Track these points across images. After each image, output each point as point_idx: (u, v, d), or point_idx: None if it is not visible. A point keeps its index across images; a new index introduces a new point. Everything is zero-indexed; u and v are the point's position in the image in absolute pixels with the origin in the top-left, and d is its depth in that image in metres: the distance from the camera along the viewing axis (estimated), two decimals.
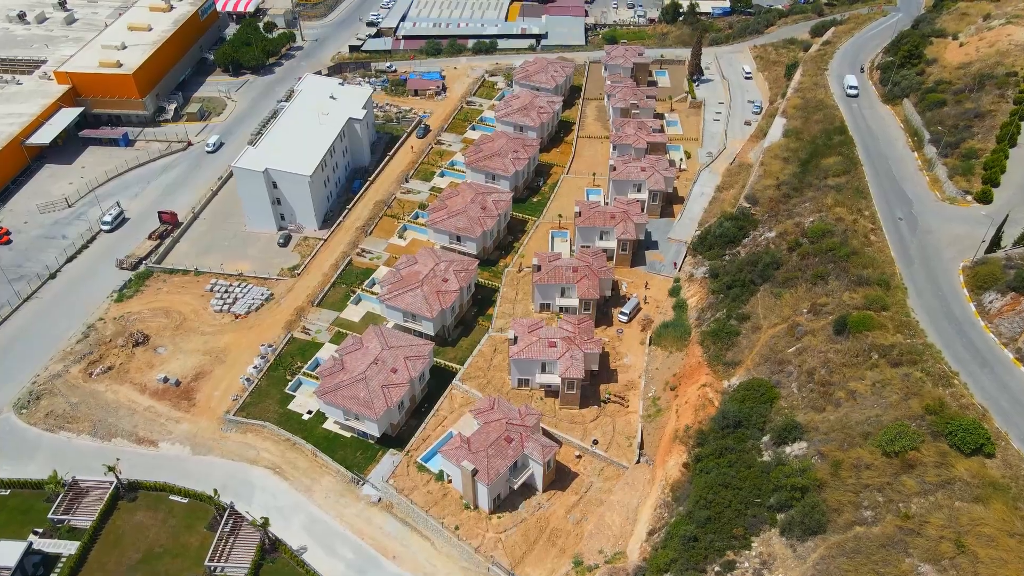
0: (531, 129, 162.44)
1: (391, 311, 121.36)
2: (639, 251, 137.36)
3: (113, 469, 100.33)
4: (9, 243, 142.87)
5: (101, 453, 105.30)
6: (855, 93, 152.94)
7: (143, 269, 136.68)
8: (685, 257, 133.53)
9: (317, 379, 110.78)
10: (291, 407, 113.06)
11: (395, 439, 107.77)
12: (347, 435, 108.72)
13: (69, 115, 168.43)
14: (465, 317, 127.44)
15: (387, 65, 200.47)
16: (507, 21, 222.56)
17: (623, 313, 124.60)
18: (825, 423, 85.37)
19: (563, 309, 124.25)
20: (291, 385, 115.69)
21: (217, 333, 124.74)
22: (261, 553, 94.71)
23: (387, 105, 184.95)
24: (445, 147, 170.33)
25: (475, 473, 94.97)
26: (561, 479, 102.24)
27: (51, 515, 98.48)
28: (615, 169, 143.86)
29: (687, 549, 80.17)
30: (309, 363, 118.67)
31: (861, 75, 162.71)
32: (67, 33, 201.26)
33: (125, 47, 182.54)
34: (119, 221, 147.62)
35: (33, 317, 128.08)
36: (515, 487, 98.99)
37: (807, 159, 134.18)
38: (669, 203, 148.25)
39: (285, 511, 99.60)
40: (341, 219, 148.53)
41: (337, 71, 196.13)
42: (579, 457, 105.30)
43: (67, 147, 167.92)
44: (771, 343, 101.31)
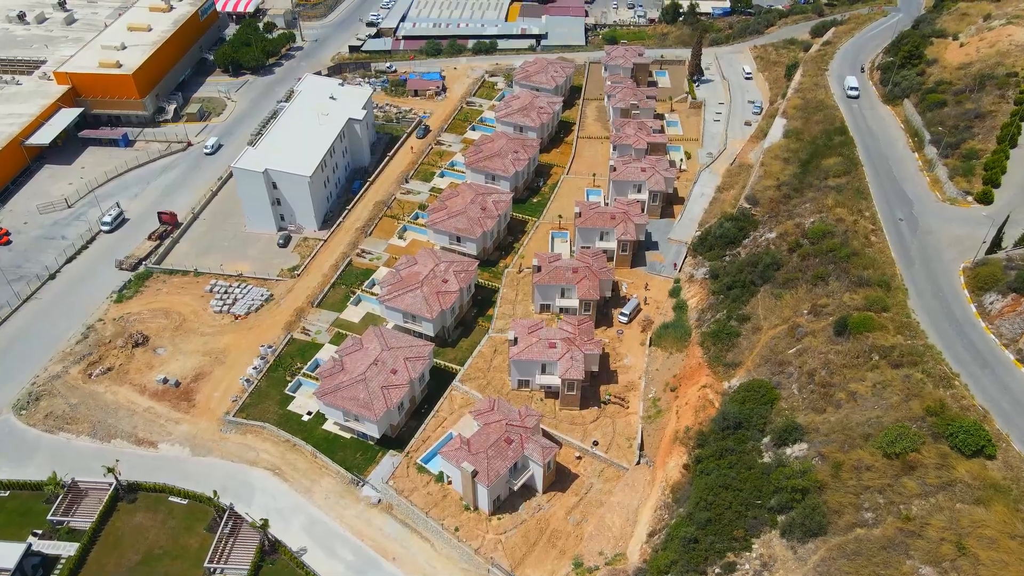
0: (531, 129, 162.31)
1: (391, 312, 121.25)
2: (639, 252, 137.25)
3: (112, 470, 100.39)
4: (9, 244, 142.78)
5: (100, 454, 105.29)
6: (856, 94, 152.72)
7: (143, 270, 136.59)
8: (685, 258, 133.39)
9: (317, 380, 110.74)
10: (291, 408, 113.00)
11: (395, 440, 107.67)
12: (347, 436, 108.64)
13: (69, 115, 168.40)
14: (465, 318, 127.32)
15: (387, 65, 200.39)
16: (507, 21, 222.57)
17: (623, 314, 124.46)
18: (826, 424, 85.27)
19: (563, 310, 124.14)
20: (291, 386, 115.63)
21: (217, 334, 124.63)
22: (261, 554, 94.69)
23: (387, 105, 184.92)
24: (445, 147, 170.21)
25: (475, 474, 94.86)
26: (561, 480, 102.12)
27: (50, 516, 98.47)
28: (615, 170, 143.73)
29: (687, 551, 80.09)
30: (309, 364, 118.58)
31: (861, 75, 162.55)
32: (67, 33, 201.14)
33: (125, 47, 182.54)
34: (119, 222, 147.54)
35: (32, 318, 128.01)
36: (515, 488, 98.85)
37: (807, 160, 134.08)
38: (669, 204, 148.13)
39: (285, 512, 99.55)
40: (341, 220, 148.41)
41: (337, 71, 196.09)
42: (579, 458, 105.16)
43: (67, 147, 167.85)
44: (771, 344, 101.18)
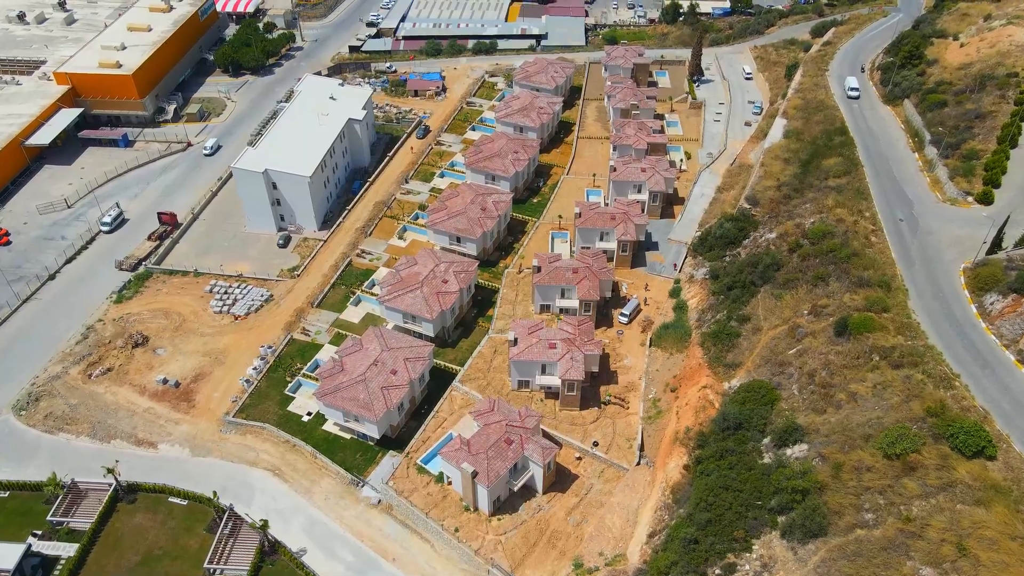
0: (531, 130, 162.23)
1: (391, 312, 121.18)
2: (639, 252, 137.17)
3: (112, 471, 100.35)
4: (8, 244, 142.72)
5: (100, 455, 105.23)
6: (856, 94, 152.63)
7: (142, 270, 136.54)
8: (685, 258, 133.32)
9: (317, 381, 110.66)
10: (291, 408, 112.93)
11: (395, 441, 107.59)
12: (347, 437, 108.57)
13: (68, 116, 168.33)
14: (465, 318, 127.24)
15: (387, 66, 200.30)
16: (507, 21, 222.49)
17: (623, 314, 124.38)
18: (826, 425, 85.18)
19: (563, 310, 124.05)
20: (291, 387, 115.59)
21: (217, 334, 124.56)
22: (260, 555, 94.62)
23: (387, 106, 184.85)
24: (445, 148, 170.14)
25: (475, 475, 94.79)
26: (561, 481, 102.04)
27: (50, 517, 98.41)
28: (615, 170, 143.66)
29: (688, 551, 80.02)
30: (309, 364, 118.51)
31: (862, 76, 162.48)
32: (67, 34, 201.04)
33: (125, 48, 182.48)
34: (118, 222, 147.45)
35: (32, 318, 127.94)
36: (515, 489, 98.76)
37: (808, 160, 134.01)
38: (669, 204, 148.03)
39: (285, 513, 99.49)
40: (341, 220, 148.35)
41: (337, 72, 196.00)
42: (579, 459, 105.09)
43: (66, 148, 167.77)
44: (772, 345, 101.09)
